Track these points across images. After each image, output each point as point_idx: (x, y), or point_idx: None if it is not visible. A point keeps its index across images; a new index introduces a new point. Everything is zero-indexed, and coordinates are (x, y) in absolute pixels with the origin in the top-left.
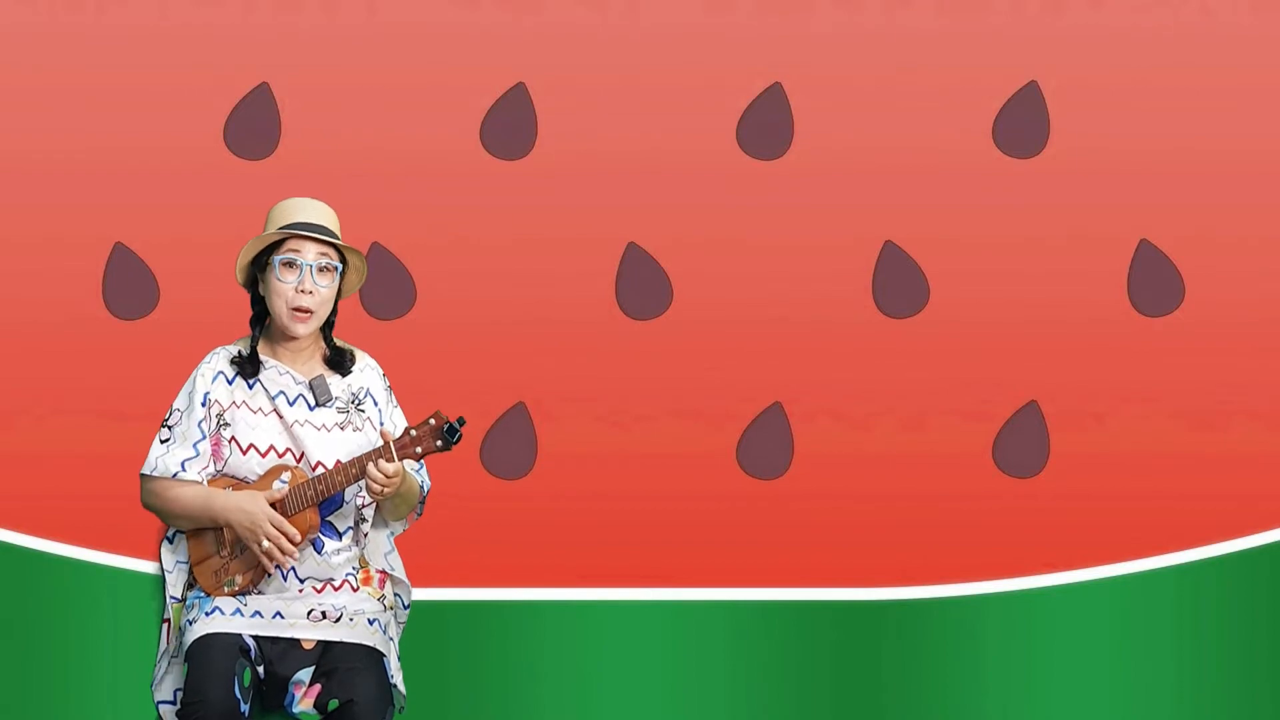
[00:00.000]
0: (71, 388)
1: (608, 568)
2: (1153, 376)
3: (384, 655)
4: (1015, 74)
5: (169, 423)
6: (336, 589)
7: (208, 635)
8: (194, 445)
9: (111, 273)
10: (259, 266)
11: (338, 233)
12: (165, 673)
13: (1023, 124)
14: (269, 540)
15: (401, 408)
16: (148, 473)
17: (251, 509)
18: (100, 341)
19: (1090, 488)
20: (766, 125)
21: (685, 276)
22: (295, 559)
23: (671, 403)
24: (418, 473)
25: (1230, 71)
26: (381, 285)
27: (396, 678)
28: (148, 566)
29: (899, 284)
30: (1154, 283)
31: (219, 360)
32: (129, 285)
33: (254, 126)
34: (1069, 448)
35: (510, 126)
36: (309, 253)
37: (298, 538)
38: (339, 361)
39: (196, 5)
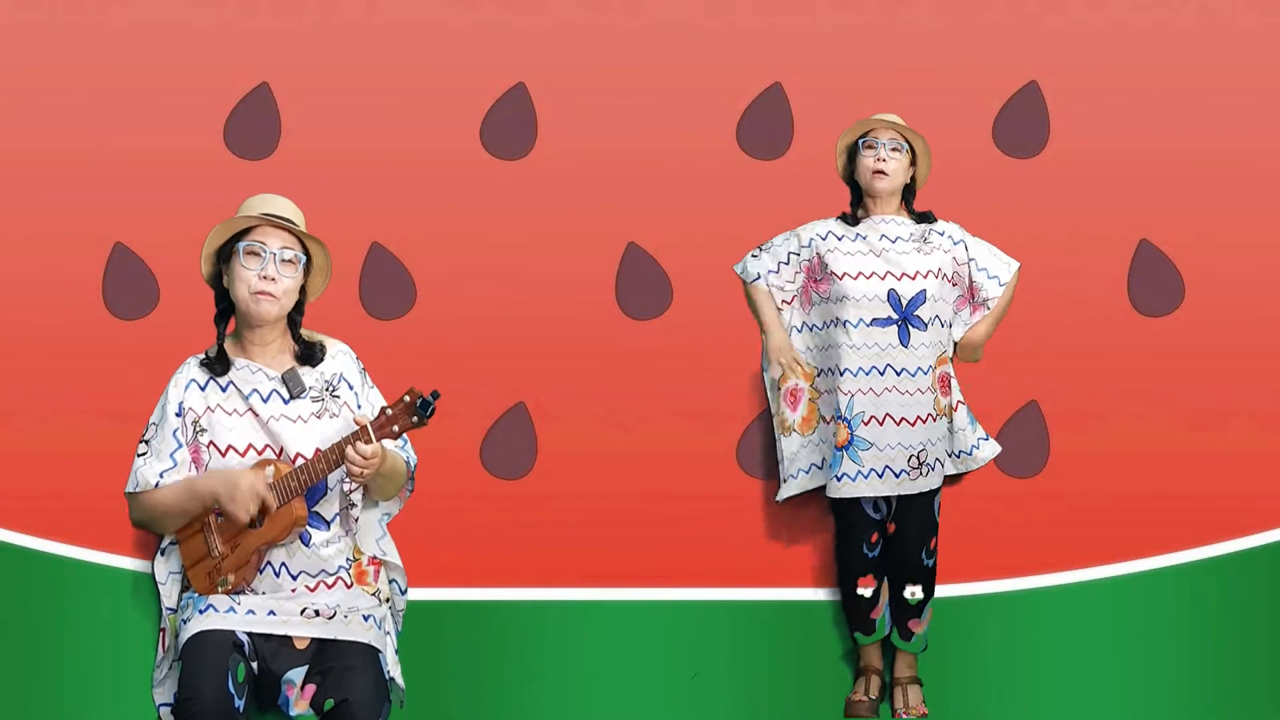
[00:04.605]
0: (71, 388)
1: (608, 568)
2: (1153, 376)
3: (380, 651)
4: (1015, 74)
5: (146, 438)
6: (330, 587)
7: (201, 632)
8: (170, 455)
9: (111, 273)
10: (223, 259)
11: (303, 228)
12: (165, 676)
13: (1023, 124)
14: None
15: (387, 399)
16: (130, 491)
17: (234, 478)
18: (100, 341)
19: (1090, 488)
20: (766, 125)
21: (685, 276)
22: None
23: (671, 403)
24: (402, 449)
25: (1230, 71)
26: (381, 285)
27: (394, 671)
28: (147, 567)
29: None
30: (1154, 283)
31: (190, 369)
32: (129, 285)
33: (254, 126)
34: (1069, 448)
35: (510, 126)
36: (273, 242)
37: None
38: (309, 355)
39: (196, 5)
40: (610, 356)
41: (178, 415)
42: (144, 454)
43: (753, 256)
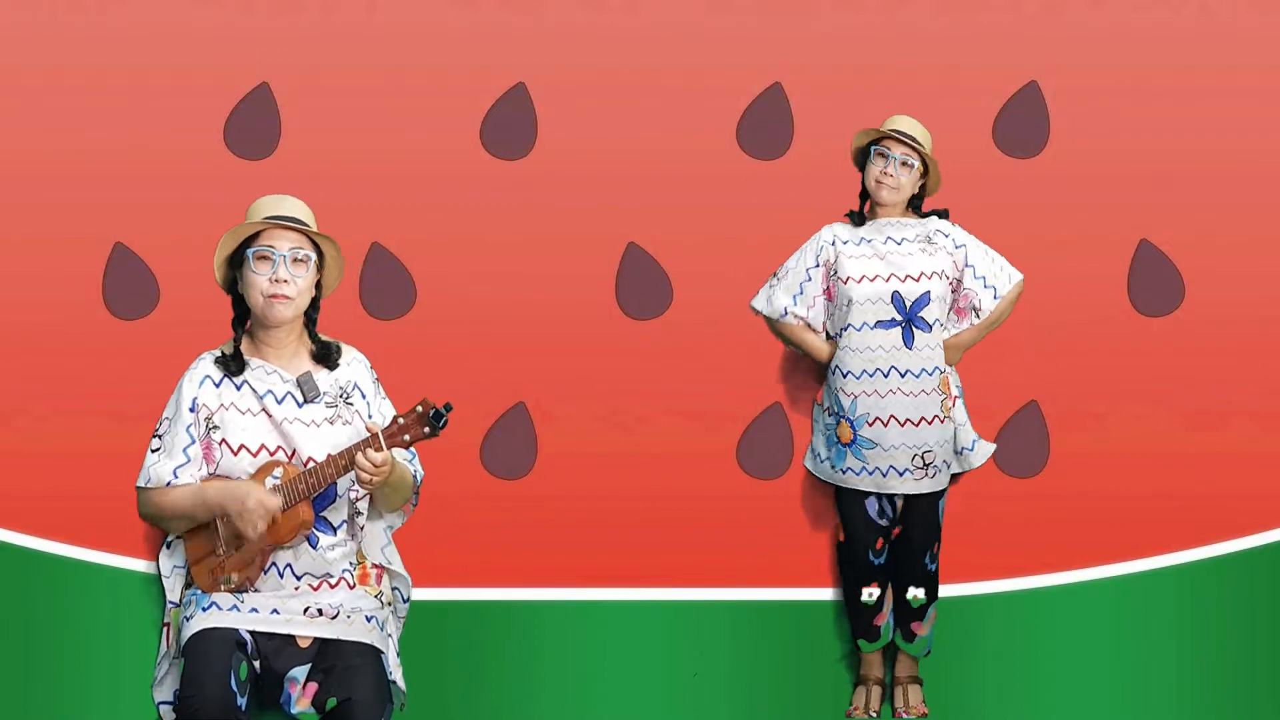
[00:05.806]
0: (71, 388)
1: (608, 568)
2: (1153, 376)
3: (382, 653)
4: (1015, 74)
5: (159, 432)
6: (333, 586)
7: (204, 630)
8: (184, 451)
9: (111, 273)
10: (236, 265)
11: (313, 226)
12: (166, 674)
13: (1023, 124)
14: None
15: (394, 404)
16: (142, 485)
17: (242, 494)
18: (100, 341)
19: (1090, 488)
20: (766, 125)
21: (685, 276)
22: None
23: (671, 403)
24: (410, 462)
25: (1230, 71)
26: (381, 285)
27: (396, 674)
28: (148, 566)
29: None
30: (1154, 283)
31: (204, 365)
32: (129, 285)
33: (254, 126)
34: (1069, 448)
35: (510, 126)
36: (282, 244)
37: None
38: (325, 355)
39: (196, 5)
40: (610, 356)
41: (191, 411)
42: (157, 449)
43: (769, 288)
